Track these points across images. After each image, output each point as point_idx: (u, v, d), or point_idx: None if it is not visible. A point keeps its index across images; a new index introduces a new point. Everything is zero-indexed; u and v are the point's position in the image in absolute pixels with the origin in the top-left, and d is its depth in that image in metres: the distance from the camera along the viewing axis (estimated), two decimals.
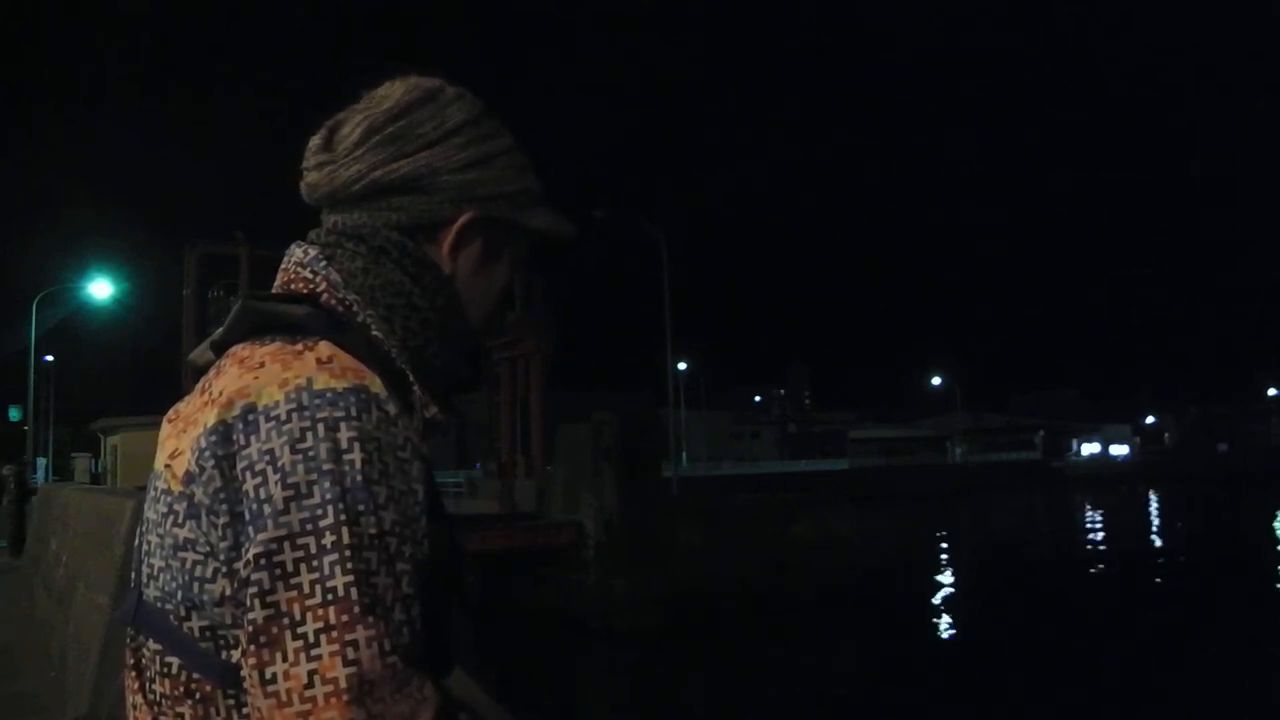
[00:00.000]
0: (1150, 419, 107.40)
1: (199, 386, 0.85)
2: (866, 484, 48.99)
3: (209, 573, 0.76)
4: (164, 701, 0.80)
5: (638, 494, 22.75)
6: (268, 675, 0.70)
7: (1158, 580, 23.18)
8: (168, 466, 0.81)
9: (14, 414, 39.54)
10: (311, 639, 0.69)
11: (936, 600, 20.84)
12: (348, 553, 0.71)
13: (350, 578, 0.71)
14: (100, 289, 30.61)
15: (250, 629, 0.71)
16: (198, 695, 0.78)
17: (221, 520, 0.75)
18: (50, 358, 48.18)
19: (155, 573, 0.81)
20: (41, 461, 38.79)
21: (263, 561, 0.71)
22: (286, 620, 0.70)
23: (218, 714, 0.77)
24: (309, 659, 0.69)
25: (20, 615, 9.33)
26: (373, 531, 0.72)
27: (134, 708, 0.84)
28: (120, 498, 6.01)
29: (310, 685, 0.69)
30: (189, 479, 0.77)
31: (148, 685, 0.82)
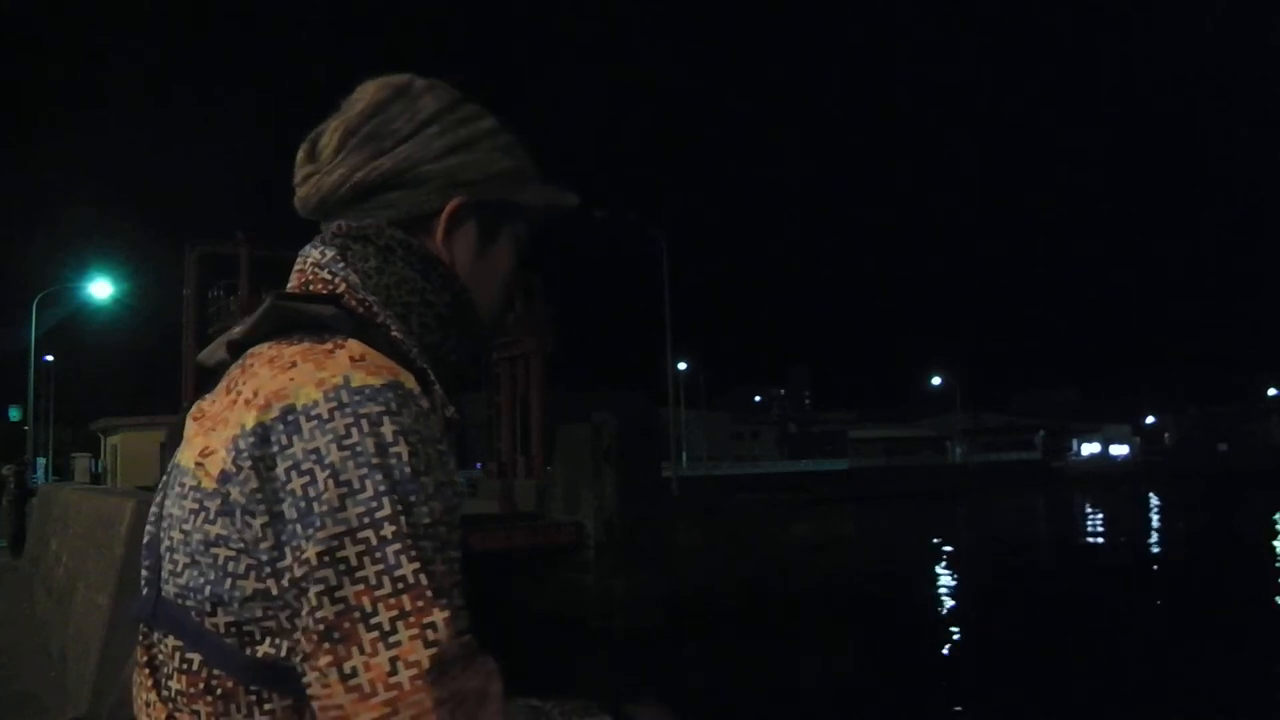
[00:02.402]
0: (1150, 419, 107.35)
1: (223, 385, 0.84)
2: (866, 484, 48.98)
3: (241, 569, 0.76)
4: (179, 698, 0.79)
5: (638, 494, 22.73)
6: (347, 670, 0.70)
7: (1157, 580, 23.17)
8: (199, 464, 0.79)
9: (14, 414, 39.51)
10: (387, 627, 0.70)
11: (936, 600, 20.84)
12: (409, 542, 0.72)
13: (416, 565, 0.72)
14: (100, 289, 30.55)
15: (321, 627, 0.71)
16: (219, 691, 0.77)
17: (259, 520, 0.74)
18: (50, 358, 48.25)
19: (179, 569, 0.80)
20: (41, 461, 38.79)
21: (326, 559, 0.71)
22: (358, 614, 0.70)
23: (238, 710, 0.77)
24: (388, 647, 0.70)
25: (20, 615, 9.32)
26: (426, 521, 0.74)
27: (147, 705, 0.83)
28: (120, 497, 6.01)
29: (394, 672, 0.69)
30: (225, 478, 0.77)
31: (163, 682, 0.81)
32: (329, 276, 0.90)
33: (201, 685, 0.78)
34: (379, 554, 0.71)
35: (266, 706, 0.76)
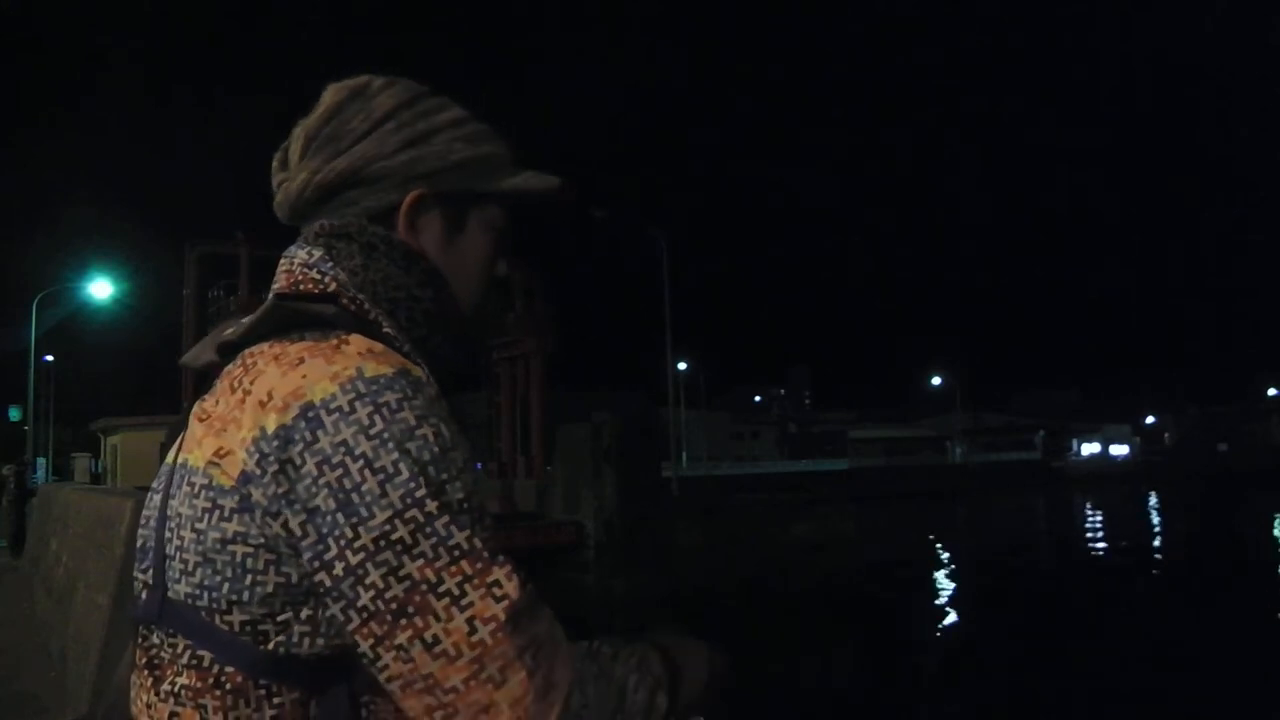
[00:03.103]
0: (1150, 419, 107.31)
1: (225, 384, 0.84)
2: (866, 484, 48.94)
3: (260, 564, 0.77)
4: (184, 693, 0.79)
5: (638, 494, 22.76)
6: (428, 639, 0.73)
7: (1157, 580, 23.16)
8: (214, 464, 0.80)
9: (14, 414, 39.48)
10: (457, 592, 0.74)
11: (936, 600, 20.82)
12: (453, 513, 0.76)
13: (466, 532, 0.76)
14: (100, 289, 30.54)
15: (394, 606, 0.74)
16: (227, 686, 0.78)
17: (296, 520, 0.76)
18: (50, 358, 48.25)
19: (190, 569, 0.80)
20: (41, 461, 38.76)
21: (382, 543, 0.74)
22: (425, 586, 0.74)
23: (247, 704, 0.78)
24: (461, 610, 0.74)
25: (20, 615, 9.31)
26: (460, 496, 0.77)
27: (148, 706, 0.83)
28: (120, 497, 6.00)
29: (473, 631, 0.74)
30: (245, 479, 0.78)
31: (167, 680, 0.81)
32: (318, 276, 0.91)
33: (210, 680, 0.79)
34: (429, 529, 0.74)
35: (276, 700, 0.78)
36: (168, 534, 0.84)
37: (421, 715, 0.75)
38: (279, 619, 0.77)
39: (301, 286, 0.91)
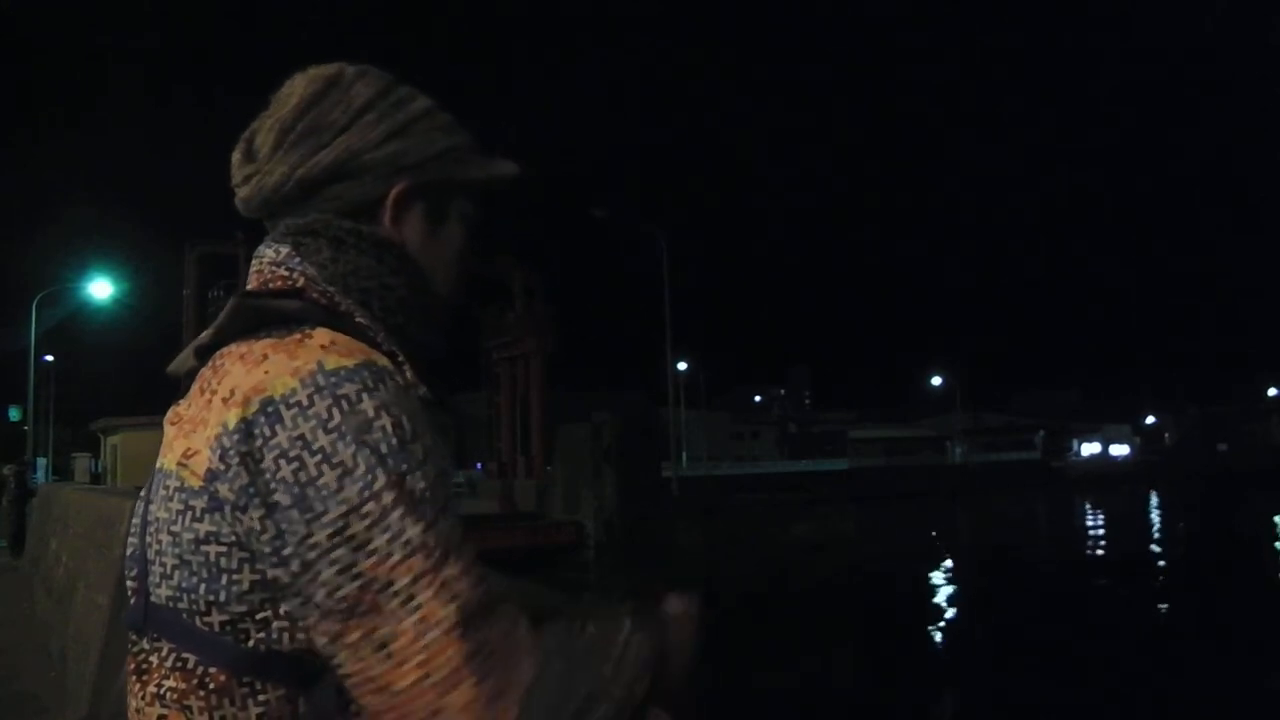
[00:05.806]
0: (1150, 419, 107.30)
1: (196, 387, 0.85)
2: (866, 484, 48.92)
3: (234, 563, 0.77)
4: (169, 695, 0.80)
5: (638, 494, 22.78)
6: (378, 640, 0.73)
7: (1158, 581, 23.17)
8: (183, 465, 0.80)
9: (14, 414, 39.48)
10: (407, 592, 0.73)
11: (936, 600, 20.83)
12: (409, 507, 0.74)
13: (421, 525, 0.74)
14: (100, 289, 30.60)
15: (344, 605, 0.73)
16: (211, 686, 0.78)
17: (257, 514, 0.75)
18: (50, 358, 48.22)
19: (169, 572, 0.80)
20: (41, 461, 38.74)
21: (336, 539, 0.73)
22: (377, 585, 0.73)
23: (231, 703, 0.78)
24: (411, 611, 0.72)
25: (20, 615, 9.31)
26: (421, 486, 0.76)
27: (137, 712, 0.83)
28: (120, 497, 6.00)
29: (422, 634, 0.72)
30: (212, 476, 0.78)
31: (155, 684, 0.81)
32: (287, 273, 0.91)
33: (195, 682, 0.78)
34: (384, 523, 0.73)
35: (260, 698, 0.77)
36: (148, 539, 0.84)
37: (376, 713, 0.75)
38: (258, 616, 0.77)
39: (271, 284, 0.91)
